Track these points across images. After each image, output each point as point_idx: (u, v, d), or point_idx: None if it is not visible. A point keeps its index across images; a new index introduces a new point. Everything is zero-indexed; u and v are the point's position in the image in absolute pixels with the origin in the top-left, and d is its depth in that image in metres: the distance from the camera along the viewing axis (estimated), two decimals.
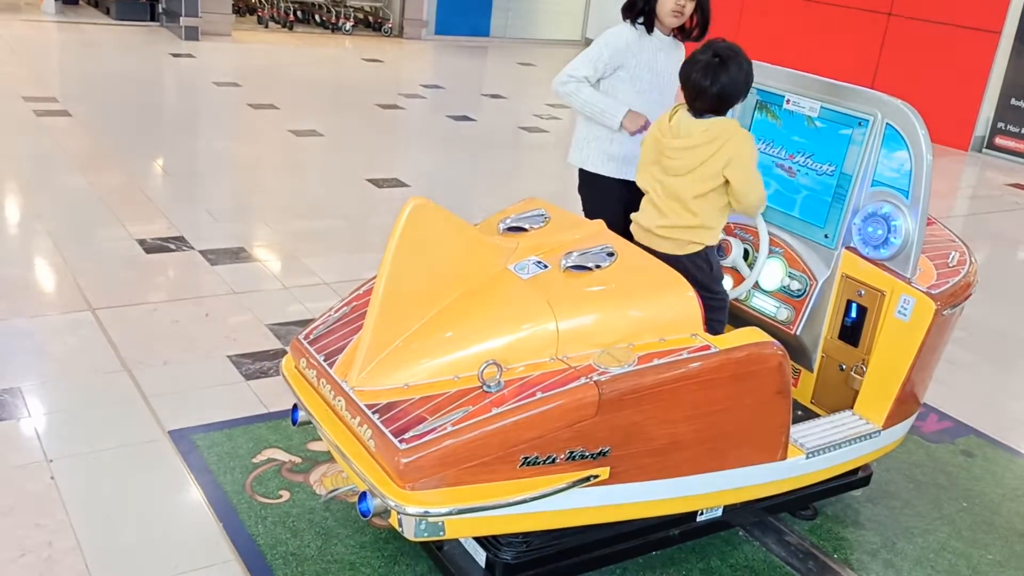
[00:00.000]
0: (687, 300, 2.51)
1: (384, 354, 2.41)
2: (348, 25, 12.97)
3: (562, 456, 2.29)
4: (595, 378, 2.30)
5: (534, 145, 8.17)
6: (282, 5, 12.95)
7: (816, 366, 3.07)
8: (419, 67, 11.59)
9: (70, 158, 6.13)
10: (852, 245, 2.94)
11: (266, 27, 12.80)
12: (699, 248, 2.87)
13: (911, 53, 10.07)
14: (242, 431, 3.27)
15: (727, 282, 3.19)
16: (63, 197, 5.46)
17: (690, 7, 3.43)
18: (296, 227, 5.40)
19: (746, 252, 3.14)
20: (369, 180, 6.41)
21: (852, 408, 2.95)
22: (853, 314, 2.94)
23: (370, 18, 13.52)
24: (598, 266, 2.57)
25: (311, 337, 2.69)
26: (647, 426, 2.37)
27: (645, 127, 3.33)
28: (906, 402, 2.90)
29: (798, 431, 2.77)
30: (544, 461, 2.28)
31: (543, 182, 6.81)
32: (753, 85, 3.19)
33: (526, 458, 2.26)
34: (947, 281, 2.84)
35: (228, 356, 3.77)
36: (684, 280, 2.55)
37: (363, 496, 2.27)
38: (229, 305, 4.25)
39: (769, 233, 3.11)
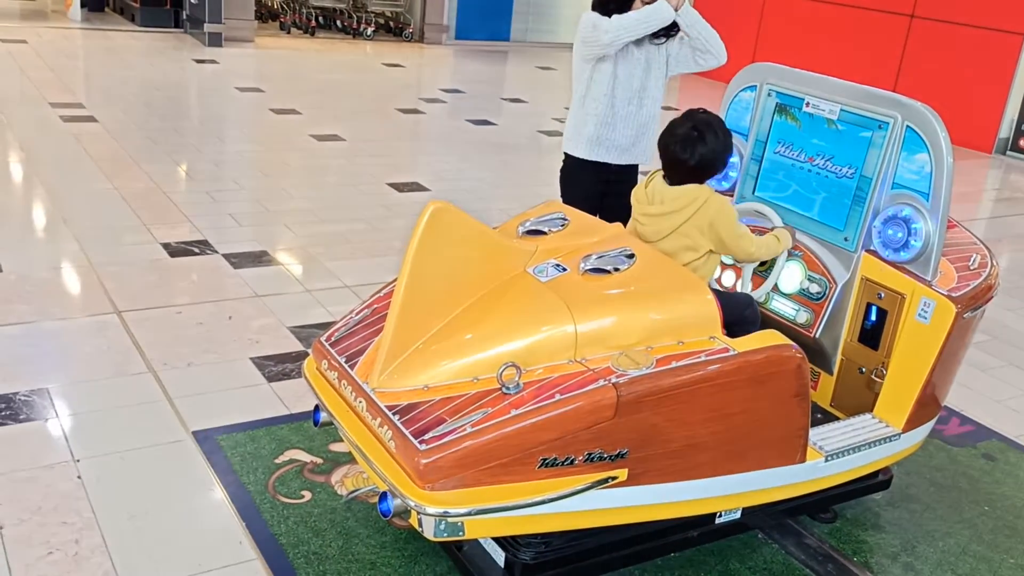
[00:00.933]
0: (705, 303, 2.52)
1: (404, 356, 2.44)
2: (369, 30, 13.05)
3: (580, 458, 2.31)
4: (613, 380, 2.31)
5: (553, 148, 8.18)
6: (304, 11, 13.05)
7: (836, 369, 3.06)
8: (440, 72, 11.65)
9: (96, 163, 6.22)
10: (872, 248, 2.93)
11: (288, 33, 12.92)
12: None
13: (934, 55, 10.01)
14: (265, 432, 3.31)
15: (740, 286, 3.19)
16: (89, 201, 5.53)
17: None
18: (317, 231, 5.44)
19: None
20: (390, 184, 6.45)
21: (872, 411, 2.94)
22: (873, 317, 2.93)
23: (391, 23, 13.61)
24: (616, 269, 2.59)
25: (332, 339, 2.72)
26: (665, 428, 2.38)
27: None
28: (927, 405, 2.89)
29: (817, 434, 2.76)
30: (562, 463, 2.30)
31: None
32: (773, 88, 3.21)
33: (544, 459, 2.28)
34: (968, 284, 2.83)
35: (251, 358, 3.81)
36: (702, 283, 2.56)
37: (383, 496, 2.29)
38: (252, 308, 4.30)
39: None
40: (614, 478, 2.37)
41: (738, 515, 2.78)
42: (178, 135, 7.19)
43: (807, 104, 3.09)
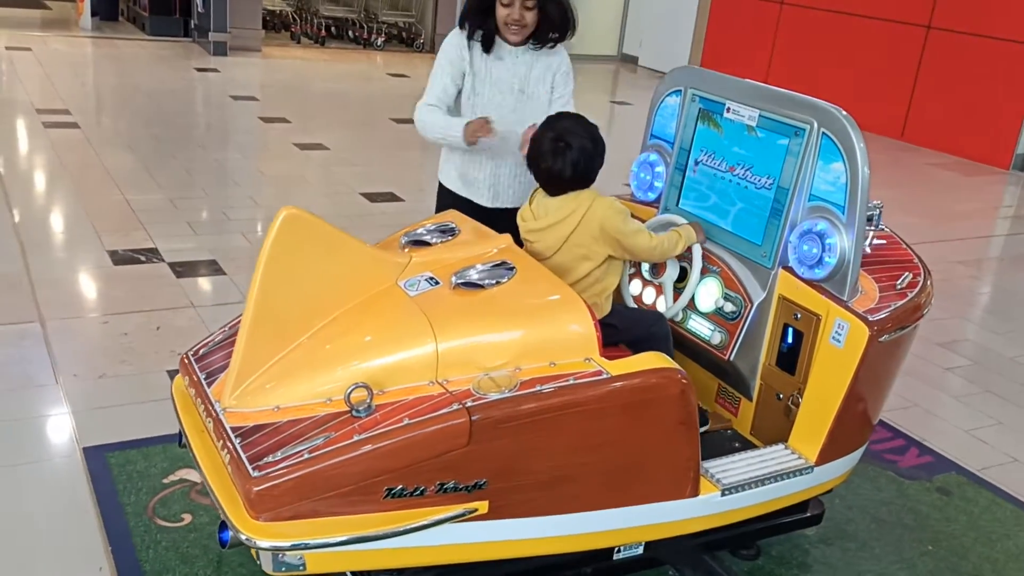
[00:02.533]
0: (582, 321, 2.32)
1: (258, 374, 2.28)
2: (380, 41, 12.98)
3: (431, 488, 2.13)
4: (468, 404, 2.12)
5: None
6: (315, 21, 13.02)
7: (755, 394, 2.84)
8: None
9: (66, 169, 6.15)
10: (789, 265, 2.71)
11: (298, 43, 12.89)
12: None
13: (950, 67, 9.69)
14: (160, 449, 3.16)
15: (662, 303, 2.98)
16: (48, 208, 5.46)
17: (530, 17, 3.11)
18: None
19: (683, 271, 2.93)
20: (363, 194, 6.31)
21: (787, 441, 2.71)
22: (790, 339, 2.71)
23: (403, 34, 13.53)
24: (498, 282, 2.40)
25: (199, 353, 2.57)
26: (529, 458, 2.19)
27: (488, 130, 3.02)
28: (843, 437, 2.65)
29: (717, 465, 2.54)
30: (411, 493, 2.12)
31: None
32: (696, 92, 3.01)
33: (390, 489, 2.10)
34: (888, 305, 2.59)
35: (167, 371, 3.67)
36: (581, 301, 2.35)
37: (222, 525, 2.12)
38: (184, 319, 4.16)
39: (707, 251, 2.90)
40: (473, 511, 2.18)
41: (640, 550, 2.57)
42: (157, 142, 7.11)
43: (728, 110, 2.88)
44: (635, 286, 3.09)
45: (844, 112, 2.55)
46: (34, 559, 2.60)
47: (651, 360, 2.30)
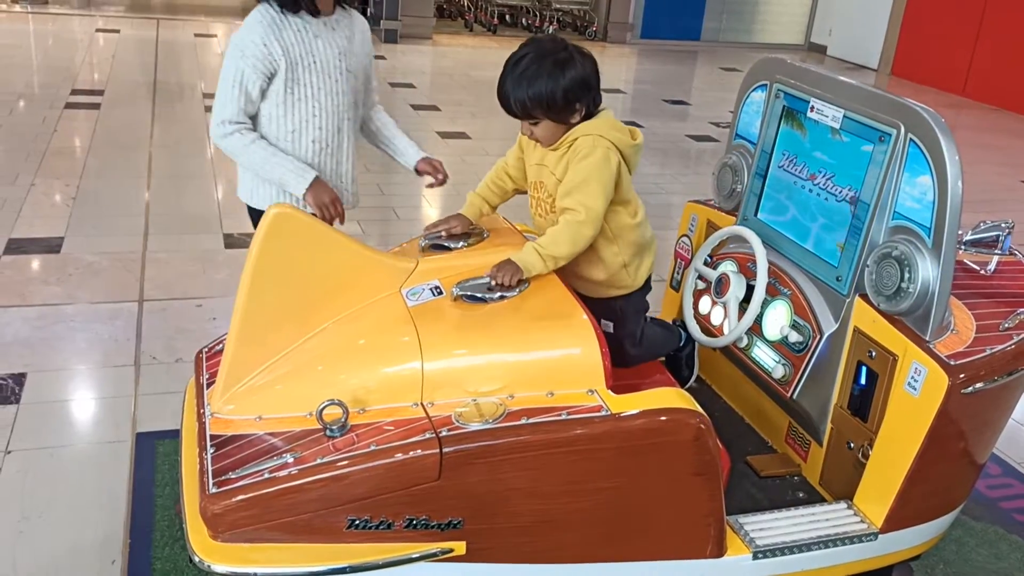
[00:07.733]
0: (588, 348, 2.04)
1: (248, 379, 2.15)
2: (551, 28, 12.81)
3: (399, 523, 1.93)
4: (443, 433, 1.91)
5: (693, 153, 7.58)
6: (489, 8, 13.02)
7: (825, 440, 2.45)
8: (609, 71, 11.19)
9: (215, 149, 6.37)
10: (866, 292, 2.31)
11: (471, 31, 12.93)
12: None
13: None
14: None
15: (728, 325, 2.63)
16: (182, 186, 5.63)
17: None
18: (386, 231, 5.26)
19: (751, 289, 2.57)
20: None
21: (854, 498, 2.31)
22: (863, 380, 2.31)
23: (577, 21, 13.31)
24: (503, 296, 2.16)
25: (213, 351, 2.49)
26: (508, 498, 1.95)
27: (333, 203, 2.70)
28: (916, 502, 2.22)
29: (757, 522, 2.20)
30: (376, 526, 1.93)
31: (671, 193, 6.25)
32: (782, 87, 2.63)
33: (353, 520, 1.92)
34: (982, 350, 2.14)
35: None
36: (591, 327, 2.06)
37: None
38: None
39: (781, 270, 2.53)
40: (448, 551, 1.97)
41: None
42: None
43: (811, 108, 2.49)
44: (704, 304, 2.75)
45: (935, 114, 2.12)
46: (53, 545, 2.60)
47: (665, 398, 2.00)
